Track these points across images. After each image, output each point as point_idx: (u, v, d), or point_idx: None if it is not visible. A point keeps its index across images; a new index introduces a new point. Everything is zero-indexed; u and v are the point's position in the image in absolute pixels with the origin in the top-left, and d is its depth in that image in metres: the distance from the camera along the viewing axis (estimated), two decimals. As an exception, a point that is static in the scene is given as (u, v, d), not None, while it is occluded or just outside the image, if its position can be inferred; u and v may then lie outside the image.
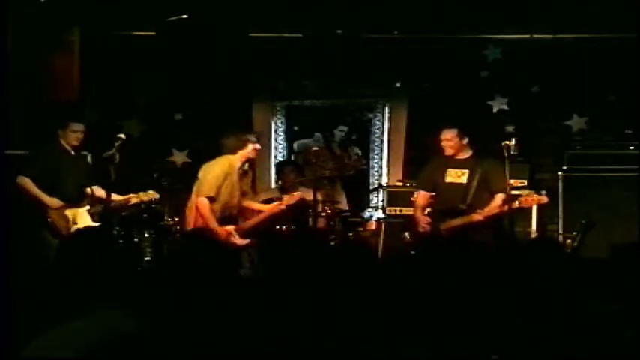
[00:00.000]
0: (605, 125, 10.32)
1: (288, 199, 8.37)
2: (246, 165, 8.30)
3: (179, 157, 10.77)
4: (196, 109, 10.69)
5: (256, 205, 8.49)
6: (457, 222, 7.79)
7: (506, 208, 7.69)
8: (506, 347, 3.52)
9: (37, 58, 9.39)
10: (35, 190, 8.03)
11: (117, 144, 8.09)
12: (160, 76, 10.43)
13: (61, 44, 9.53)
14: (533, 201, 7.93)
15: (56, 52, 9.51)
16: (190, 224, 8.08)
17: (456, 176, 8.01)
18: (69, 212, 8.12)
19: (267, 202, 9.05)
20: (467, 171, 7.98)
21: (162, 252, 8.72)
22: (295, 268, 3.96)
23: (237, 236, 7.98)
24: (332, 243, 8.25)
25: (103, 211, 8.14)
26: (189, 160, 10.67)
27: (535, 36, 10.38)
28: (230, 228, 8.01)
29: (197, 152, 10.59)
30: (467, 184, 7.94)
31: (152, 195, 8.39)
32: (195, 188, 8.13)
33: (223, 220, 8.04)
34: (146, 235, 8.83)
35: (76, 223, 8.07)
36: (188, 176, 9.94)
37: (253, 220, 8.30)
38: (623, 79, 9.92)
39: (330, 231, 9.13)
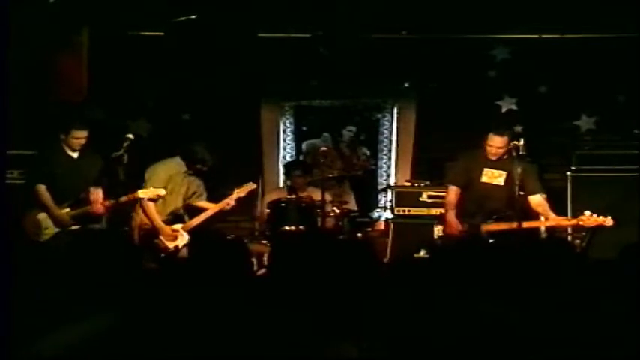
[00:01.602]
0: (613, 125, 10.31)
1: (238, 193, 8.71)
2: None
3: (187, 157, 10.78)
4: (204, 109, 10.69)
5: (203, 204, 8.81)
6: (503, 226, 7.64)
7: (567, 223, 7.71)
8: (511, 347, 3.51)
9: (45, 58, 9.40)
10: (49, 202, 8.04)
11: (125, 144, 8.12)
12: (168, 76, 10.44)
13: (70, 44, 9.53)
14: (596, 222, 7.73)
15: (64, 53, 9.51)
16: (136, 225, 8.52)
17: (493, 177, 7.86)
18: (41, 217, 8.14)
19: (275, 202, 9.08)
20: (504, 173, 7.83)
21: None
22: (304, 268, 3.95)
23: (184, 234, 8.41)
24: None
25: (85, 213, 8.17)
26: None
27: (543, 36, 10.38)
28: (177, 227, 8.50)
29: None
30: (504, 186, 7.82)
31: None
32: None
33: (172, 220, 8.58)
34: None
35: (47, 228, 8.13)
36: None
37: (199, 218, 8.68)
38: (632, 79, 9.90)
39: (338, 231, 9.13)
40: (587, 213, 7.79)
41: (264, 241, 8.88)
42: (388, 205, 9.98)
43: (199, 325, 3.42)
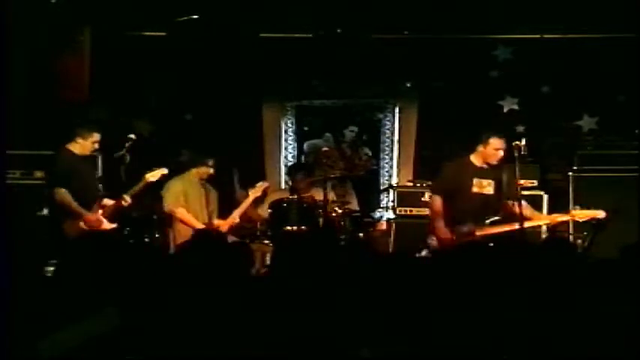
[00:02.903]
0: (615, 125, 10.30)
1: (254, 193, 9.03)
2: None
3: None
4: (206, 109, 10.69)
5: (217, 222, 8.98)
6: (496, 230, 7.57)
7: (562, 218, 7.68)
8: (517, 348, 3.52)
9: (48, 58, 9.42)
10: (73, 203, 7.91)
11: (127, 144, 8.12)
12: (171, 76, 10.44)
13: (72, 44, 9.55)
14: (588, 215, 7.77)
15: (67, 53, 9.54)
16: (174, 238, 8.73)
17: (482, 186, 7.74)
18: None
19: (277, 202, 9.08)
20: (492, 181, 7.74)
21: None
22: (306, 267, 3.96)
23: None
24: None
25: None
26: (199, 161, 10.70)
27: (545, 36, 10.37)
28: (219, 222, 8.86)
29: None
30: (494, 194, 7.73)
31: (161, 171, 8.36)
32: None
33: None
34: (156, 235, 8.83)
35: None
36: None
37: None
38: (634, 79, 9.89)
39: (340, 231, 9.12)
40: (578, 207, 7.87)
41: (266, 241, 8.88)
42: (390, 205, 9.98)
43: (203, 326, 3.44)
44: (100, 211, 8.03)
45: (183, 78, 10.48)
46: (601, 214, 7.77)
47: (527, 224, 7.55)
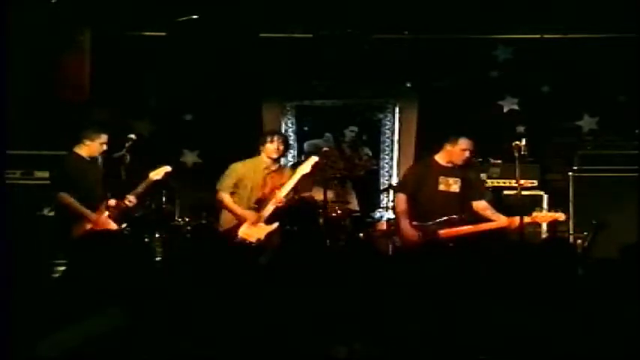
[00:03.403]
0: (615, 125, 10.31)
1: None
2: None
3: (190, 157, 10.80)
4: (207, 109, 10.70)
5: None
6: (460, 230, 7.69)
7: (517, 222, 7.61)
8: (517, 347, 3.52)
9: (48, 58, 9.42)
10: (79, 206, 7.86)
11: (127, 144, 8.12)
12: (171, 76, 10.45)
13: (72, 44, 9.55)
14: (550, 218, 7.88)
15: (67, 53, 9.54)
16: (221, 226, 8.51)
17: (448, 185, 7.87)
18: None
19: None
20: (458, 179, 7.87)
21: (173, 252, 8.74)
22: (305, 267, 3.97)
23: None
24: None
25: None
26: (199, 160, 10.74)
27: (545, 36, 10.38)
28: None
29: (207, 152, 10.64)
30: (459, 192, 7.86)
31: (164, 169, 8.24)
32: None
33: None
34: (157, 235, 8.83)
35: None
36: (198, 176, 10.01)
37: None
38: (634, 79, 9.90)
39: (340, 231, 9.13)
40: (543, 209, 8.04)
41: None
42: (390, 205, 9.98)
43: (200, 323, 3.45)
44: (107, 212, 8.00)
45: (183, 78, 10.48)
46: (562, 216, 7.86)
47: (485, 226, 7.70)
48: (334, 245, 8.57)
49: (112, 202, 8.09)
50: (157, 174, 8.16)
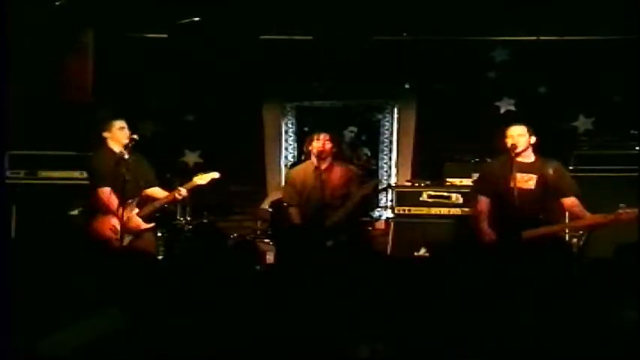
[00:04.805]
0: (611, 126, 10.35)
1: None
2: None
3: (191, 158, 10.85)
4: (208, 110, 10.75)
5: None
6: (543, 231, 7.35)
7: (606, 219, 7.37)
8: (516, 347, 3.57)
9: (51, 59, 9.46)
10: (113, 203, 7.69)
11: (130, 144, 8.14)
12: (172, 77, 10.50)
13: (75, 45, 9.59)
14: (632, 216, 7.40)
15: (70, 54, 9.57)
16: None
17: (523, 181, 7.47)
18: (115, 221, 7.74)
19: (278, 201, 9.13)
20: (534, 176, 7.54)
21: (175, 251, 8.81)
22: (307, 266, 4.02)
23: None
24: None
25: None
26: (201, 161, 10.78)
27: (542, 37, 10.42)
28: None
29: (208, 152, 10.69)
30: (535, 189, 7.51)
31: (212, 175, 7.99)
32: None
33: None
34: (158, 234, 8.84)
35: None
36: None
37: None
38: (630, 80, 9.96)
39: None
40: (622, 205, 7.49)
41: (267, 240, 8.96)
42: (389, 204, 10.04)
43: (205, 323, 3.49)
44: (136, 210, 7.93)
45: (185, 79, 10.54)
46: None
47: (572, 225, 7.57)
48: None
49: (160, 192, 8.04)
50: (202, 179, 7.95)
